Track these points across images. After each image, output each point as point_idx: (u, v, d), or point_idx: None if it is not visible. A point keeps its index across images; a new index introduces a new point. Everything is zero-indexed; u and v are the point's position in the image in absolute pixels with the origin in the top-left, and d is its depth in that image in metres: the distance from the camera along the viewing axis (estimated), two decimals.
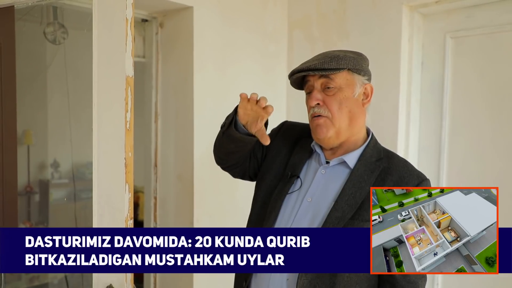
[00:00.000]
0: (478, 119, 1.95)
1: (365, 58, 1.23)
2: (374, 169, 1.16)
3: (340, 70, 1.15)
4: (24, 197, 4.48)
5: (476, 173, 1.96)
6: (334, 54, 1.16)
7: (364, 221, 1.10)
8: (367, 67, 1.22)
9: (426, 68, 2.10)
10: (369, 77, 1.22)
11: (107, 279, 1.37)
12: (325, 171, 1.21)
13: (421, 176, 1.16)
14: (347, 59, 1.15)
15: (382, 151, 1.22)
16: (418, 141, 2.14)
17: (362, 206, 1.12)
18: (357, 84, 1.18)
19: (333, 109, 1.16)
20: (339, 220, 1.11)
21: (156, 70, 2.35)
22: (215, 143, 1.39)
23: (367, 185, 1.13)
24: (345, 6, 2.26)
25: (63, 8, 2.48)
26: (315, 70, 1.15)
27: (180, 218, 2.27)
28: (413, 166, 1.20)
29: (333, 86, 1.16)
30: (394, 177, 1.14)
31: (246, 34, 2.35)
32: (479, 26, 1.93)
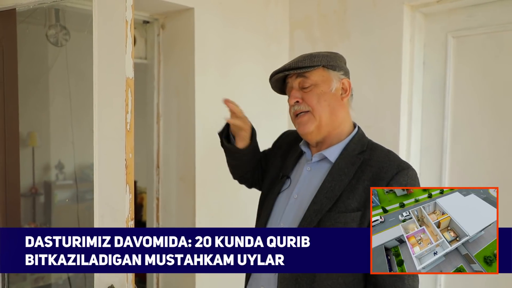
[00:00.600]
0: (480, 119, 1.94)
1: (340, 57, 1.26)
2: (355, 161, 1.17)
3: (315, 67, 1.18)
4: (29, 198, 4.50)
5: (478, 174, 1.95)
6: (309, 54, 1.22)
7: (341, 212, 1.12)
8: (342, 64, 1.25)
9: (428, 68, 2.09)
10: (345, 73, 1.25)
11: (108, 279, 1.37)
12: (311, 168, 1.25)
13: (401, 165, 1.14)
14: (320, 57, 1.19)
15: (366, 144, 1.23)
16: (420, 141, 2.13)
17: (340, 198, 1.13)
18: (333, 80, 1.21)
19: (312, 103, 1.20)
20: (316, 212, 1.13)
21: (158, 72, 2.35)
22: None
23: (347, 177, 1.15)
24: (346, 6, 2.26)
25: (65, 10, 2.50)
26: (290, 69, 1.20)
27: (182, 219, 2.27)
28: (397, 156, 1.19)
29: (309, 83, 1.20)
30: (373, 168, 1.15)
31: (247, 35, 2.35)
32: (481, 26, 1.92)
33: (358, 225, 1.11)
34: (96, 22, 1.35)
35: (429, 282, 2.08)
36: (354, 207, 1.11)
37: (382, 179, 1.11)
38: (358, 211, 1.11)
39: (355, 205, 1.12)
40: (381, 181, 1.11)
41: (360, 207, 1.11)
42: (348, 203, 1.12)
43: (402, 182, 1.11)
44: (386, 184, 1.10)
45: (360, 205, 1.11)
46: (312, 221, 1.13)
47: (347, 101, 1.24)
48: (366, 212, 1.10)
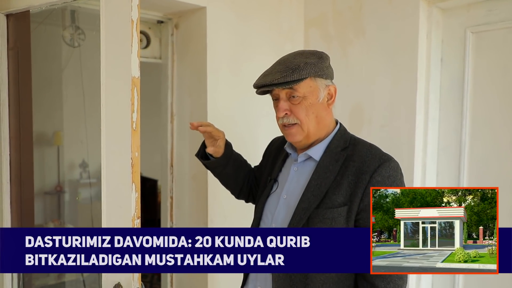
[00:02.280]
0: (500, 117, 1.87)
1: (325, 58, 1.24)
2: (338, 158, 1.21)
3: (302, 80, 1.18)
4: (54, 196, 4.62)
5: (497, 174, 1.88)
6: (294, 64, 1.18)
7: (328, 208, 1.15)
8: (327, 68, 1.24)
9: (446, 64, 2.03)
10: (331, 77, 1.25)
11: (115, 277, 1.39)
12: (297, 168, 1.28)
13: (382, 158, 1.18)
14: (308, 67, 1.18)
15: (349, 140, 1.26)
16: (438, 141, 2.06)
17: (327, 195, 1.16)
18: (320, 89, 1.22)
19: (301, 116, 1.21)
20: (305, 210, 1.17)
21: (172, 71, 2.37)
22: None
23: (332, 174, 1.18)
24: (361, 2, 2.21)
25: (79, 11, 2.54)
26: (278, 84, 1.18)
27: (195, 218, 2.28)
28: (378, 150, 1.22)
29: (297, 95, 1.20)
30: (356, 163, 1.18)
31: (261, 33, 2.33)
32: (501, 20, 1.84)
33: (345, 219, 1.14)
34: (103, 22, 1.37)
35: (447, 283, 2.02)
36: (341, 202, 1.15)
37: (365, 172, 1.15)
38: (344, 206, 1.15)
39: (341, 200, 1.15)
40: (364, 175, 1.15)
41: (346, 202, 1.15)
42: (334, 199, 1.15)
43: (385, 174, 1.15)
44: (370, 177, 1.14)
45: (346, 200, 1.15)
46: (301, 219, 1.17)
47: (331, 107, 1.26)
48: (352, 206, 1.14)
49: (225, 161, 1.52)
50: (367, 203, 1.13)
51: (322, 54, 1.24)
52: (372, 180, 1.14)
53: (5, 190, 1.72)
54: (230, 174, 1.56)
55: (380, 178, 1.14)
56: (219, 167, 1.53)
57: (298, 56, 1.22)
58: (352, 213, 1.14)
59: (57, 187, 4.64)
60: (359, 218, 1.15)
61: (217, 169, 1.54)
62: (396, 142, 2.02)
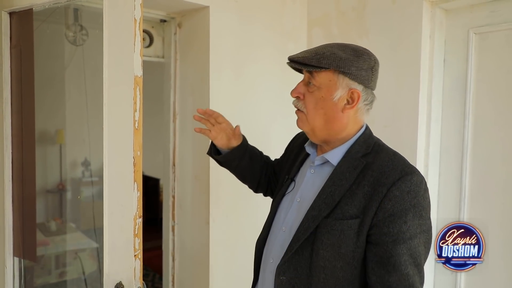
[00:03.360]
0: (503, 118, 1.86)
1: (363, 59, 1.10)
2: (357, 165, 1.10)
3: (321, 69, 1.08)
4: (56, 194, 4.63)
5: (500, 176, 1.87)
6: (324, 50, 1.09)
7: (337, 219, 1.06)
8: (360, 69, 1.09)
9: (449, 65, 2.02)
10: (363, 82, 1.10)
11: (116, 276, 1.39)
12: (314, 171, 1.21)
13: (405, 170, 1.06)
14: (331, 59, 1.07)
15: (372, 146, 1.15)
16: (440, 142, 2.06)
17: (339, 204, 1.07)
18: (340, 88, 1.09)
19: (309, 107, 1.14)
20: (314, 218, 1.09)
21: (175, 70, 2.37)
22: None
23: (347, 182, 1.08)
24: (365, 2, 2.21)
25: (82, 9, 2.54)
26: (296, 62, 1.12)
27: (196, 218, 2.28)
28: (402, 160, 1.11)
29: (314, 83, 1.12)
30: (374, 173, 1.07)
31: (264, 33, 2.33)
32: (504, 21, 1.83)
33: (356, 232, 1.05)
34: (106, 21, 1.37)
35: (448, 283, 2.02)
36: (352, 213, 1.05)
37: (383, 184, 1.04)
38: (356, 218, 1.05)
39: (353, 212, 1.05)
40: (381, 187, 1.04)
41: (359, 214, 1.05)
42: (346, 210, 1.06)
43: (404, 188, 1.02)
44: (387, 190, 1.02)
45: (359, 212, 1.05)
46: (309, 227, 1.09)
47: (353, 111, 1.13)
48: (364, 219, 1.04)
49: (242, 153, 1.47)
50: (381, 218, 1.02)
51: (362, 54, 1.10)
52: (389, 194, 1.02)
53: (7, 188, 1.72)
54: (246, 167, 1.51)
55: (398, 193, 1.02)
56: (235, 160, 1.48)
57: (337, 46, 1.11)
58: (364, 228, 1.04)
59: (59, 186, 4.65)
60: (371, 233, 1.04)
61: (234, 162, 1.49)
62: (398, 143, 2.00)
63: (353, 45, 1.13)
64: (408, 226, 1.00)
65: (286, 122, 2.46)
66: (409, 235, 1.00)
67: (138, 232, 1.35)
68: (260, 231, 2.35)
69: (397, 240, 1.00)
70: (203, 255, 2.23)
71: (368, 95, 1.13)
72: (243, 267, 2.34)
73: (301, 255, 1.10)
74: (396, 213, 1.01)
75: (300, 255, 1.10)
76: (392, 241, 1.00)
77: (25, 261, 1.83)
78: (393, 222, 1.01)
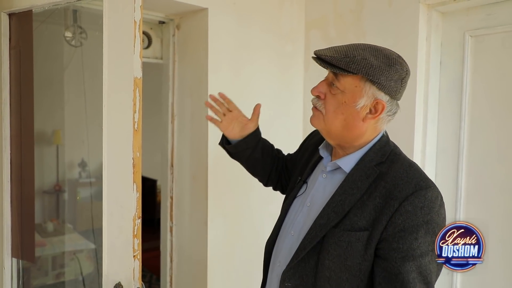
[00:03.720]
0: (498, 120, 1.88)
1: (395, 70, 1.02)
2: (370, 174, 1.04)
3: (348, 73, 1.01)
4: (53, 195, 4.62)
5: (496, 176, 1.89)
6: (355, 53, 1.01)
7: (345, 230, 1.01)
8: (390, 80, 1.02)
9: (445, 67, 2.04)
10: (390, 93, 1.03)
11: (116, 276, 1.40)
12: (326, 176, 1.16)
13: (419, 184, 0.99)
14: (361, 64, 0.99)
15: (388, 154, 1.08)
16: (436, 143, 2.08)
17: (348, 214, 1.03)
18: (365, 96, 1.03)
19: (328, 109, 1.07)
20: (322, 227, 1.05)
21: (173, 72, 2.38)
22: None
23: (359, 192, 1.03)
24: (362, 5, 2.22)
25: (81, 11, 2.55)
26: (324, 62, 1.04)
27: (194, 218, 2.29)
28: (420, 173, 1.04)
29: (337, 86, 1.05)
30: (387, 184, 1.01)
31: (262, 35, 2.35)
32: (500, 24, 1.85)
33: (364, 245, 0.99)
34: (106, 22, 1.38)
35: (445, 284, 2.03)
36: (361, 225, 1.00)
37: (395, 198, 0.98)
38: (365, 231, 1.00)
39: (362, 224, 1.00)
40: (393, 200, 0.98)
41: (368, 227, 1.00)
42: (355, 221, 1.01)
43: (418, 204, 0.96)
44: (399, 204, 0.97)
45: (368, 224, 1.00)
46: (317, 236, 1.05)
47: (374, 121, 1.06)
48: (373, 232, 0.99)
49: (255, 142, 1.43)
50: (391, 233, 0.97)
51: (395, 63, 1.02)
52: (400, 209, 0.97)
53: (5, 189, 1.72)
54: (258, 159, 1.47)
55: (411, 208, 0.96)
56: (248, 150, 1.43)
57: (369, 49, 1.03)
58: (373, 241, 0.99)
59: (56, 186, 4.64)
60: (380, 247, 0.99)
61: (246, 152, 1.44)
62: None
63: (386, 50, 1.05)
64: (419, 243, 0.96)
65: (285, 124, 2.48)
66: (420, 252, 0.96)
67: (137, 233, 1.36)
68: (257, 232, 2.37)
69: (406, 256, 0.96)
70: (201, 256, 2.24)
71: (393, 106, 1.07)
72: (241, 268, 2.35)
73: (307, 263, 1.07)
74: (407, 228, 0.96)
75: (306, 263, 1.07)
76: (401, 257, 0.96)
77: (23, 262, 1.83)
78: (403, 238, 0.96)
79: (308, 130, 1.55)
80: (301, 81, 2.56)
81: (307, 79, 2.56)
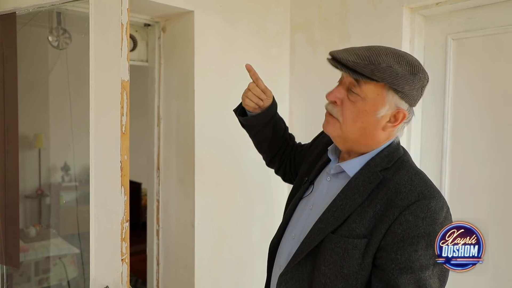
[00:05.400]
0: (480, 122, 1.93)
1: (418, 79, 0.98)
2: (373, 179, 1.00)
3: (372, 81, 0.96)
4: (35, 200, 4.54)
5: (478, 177, 1.93)
6: (379, 59, 0.96)
7: (343, 237, 0.97)
8: (413, 89, 0.98)
9: (428, 70, 1.98)
10: (410, 102, 1.00)
11: (103, 280, 1.38)
12: (330, 179, 1.12)
13: (423, 193, 0.94)
14: (387, 72, 0.95)
15: (395, 161, 1.03)
16: (420, 144, 2.12)
17: (347, 220, 0.99)
18: (387, 105, 0.99)
19: (347, 117, 1.02)
20: (320, 232, 1.01)
21: (159, 74, 2.37)
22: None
23: (360, 197, 0.99)
24: (346, 8, 2.25)
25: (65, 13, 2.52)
26: (345, 67, 0.98)
27: (181, 221, 2.28)
28: (426, 182, 0.99)
29: (358, 93, 0.99)
30: (390, 191, 0.97)
31: (247, 38, 2.36)
32: (480, 28, 1.90)
33: (362, 253, 0.95)
34: (92, 25, 1.37)
35: None
36: (360, 233, 0.96)
37: (396, 206, 0.94)
38: (364, 238, 0.96)
39: (360, 231, 0.96)
40: (394, 208, 0.94)
41: (366, 234, 0.96)
42: (353, 228, 0.97)
43: (420, 214, 0.92)
44: (399, 213, 0.93)
45: (367, 232, 0.96)
46: (314, 240, 1.01)
47: (392, 130, 1.03)
48: (371, 241, 0.95)
49: (267, 119, 1.37)
50: (389, 243, 0.93)
51: (418, 72, 0.98)
52: (400, 218, 0.92)
53: None
54: (266, 137, 1.41)
55: (411, 218, 0.91)
56: (258, 126, 1.38)
57: (392, 55, 0.97)
58: (371, 250, 0.95)
59: (38, 191, 4.57)
60: (378, 257, 0.95)
61: (256, 127, 1.39)
62: None
63: (408, 56, 1.00)
64: (419, 255, 0.91)
65: None
66: (419, 265, 0.91)
67: (125, 236, 1.35)
68: (244, 235, 2.38)
69: (404, 269, 0.92)
70: (188, 259, 2.23)
71: (410, 114, 1.03)
72: (228, 270, 2.35)
73: (304, 268, 1.04)
74: (406, 239, 0.92)
75: (303, 268, 1.04)
76: (399, 269, 0.92)
77: (6, 268, 1.80)
78: (401, 249, 0.92)
79: (294, 133, 1.57)
80: (287, 84, 2.58)
81: (292, 82, 2.58)
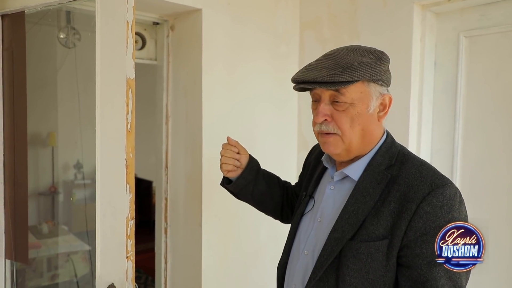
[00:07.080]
0: (492, 121, 1.88)
1: (384, 60, 1.02)
2: (381, 179, 1.00)
3: (354, 83, 0.97)
4: (48, 197, 4.60)
5: (491, 177, 1.89)
6: (347, 61, 0.96)
7: (363, 242, 0.95)
8: (386, 72, 1.02)
9: (439, 68, 2.04)
10: (387, 84, 1.04)
11: (109, 277, 1.39)
12: (334, 187, 1.10)
13: (435, 182, 0.94)
14: (362, 68, 0.96)
15: (396, 156, 1.04)
16: (431, 144, 2.08)
17: (364, 224, 0.97)
18: (373, 97, 1.01)
19: (344, 127, 1.01)
20: (337, 241, 0.98)
21: (167, 73, 2.37)
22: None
23: (372, 199, 0.98)
24: (356, 6, 2.23)
25: (74, 12, 2.54)
26: (322, 84, 0.97)
27: (189, 220, 2.28)
28: (433, 170, 0.99)
29: (344, 101, 0.99)
30: (401, 187, 0.96)
31: (256, 36, 2.34)
32: (494, 25, 1.86)
33: (385, 255, 0.94)
34: (98, 23, 1.38)
35: None
36: (379, 234, 0.95)
37: (412, 200, 0.93)
38: (384, 239, 0.94)
39: (380, 232, 0.95)
40: (410, 203, 0.93)
41: (387, 234, 0.94)
42: (372, 230, 0.96)
43: (436, 203, 0.92)
44: (417, 206, 0.92)
45: (387, 232, 0.94)
46: (333, 251, 0.99)
47: (384, 119, 1.06)
48: (393, 240, 0.94)
49: (253, 176, 1.34)
50: (412, 238, 0.92)
51: (381, 55, 1.01)
52: (419, 211, 0.92)
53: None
54: (264, 192, 1.38)
55: (429, 209, 0.91)
56: (249, 185, 1.34)
57: (353, 52, 0.99)
58: (394, 249, 0.93)
59: (51, 188, 4.63)
60: (402, 255, 0.94)
61: (248, 187, 1.34)
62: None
63: (363, 46, 1.04)
64: None
65: (280, 126, 2.47)
66: None
67: (131, 234, 1.35)
68: (251, 234, 2.37)
69: (432, 262, 0.90)
70: (195, 257, 2.23)
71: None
72: (235, 270, 2.35)
73: (326, 283, 1.00)
74: (429, 231, 0.91)
75: (325, 283, 1.00)
76: (427, 263, 0.91)
77: (17, 263, 1.82)
78: (426, 242, 0.91)
79: (302, 131, 1.55)
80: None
81: None
